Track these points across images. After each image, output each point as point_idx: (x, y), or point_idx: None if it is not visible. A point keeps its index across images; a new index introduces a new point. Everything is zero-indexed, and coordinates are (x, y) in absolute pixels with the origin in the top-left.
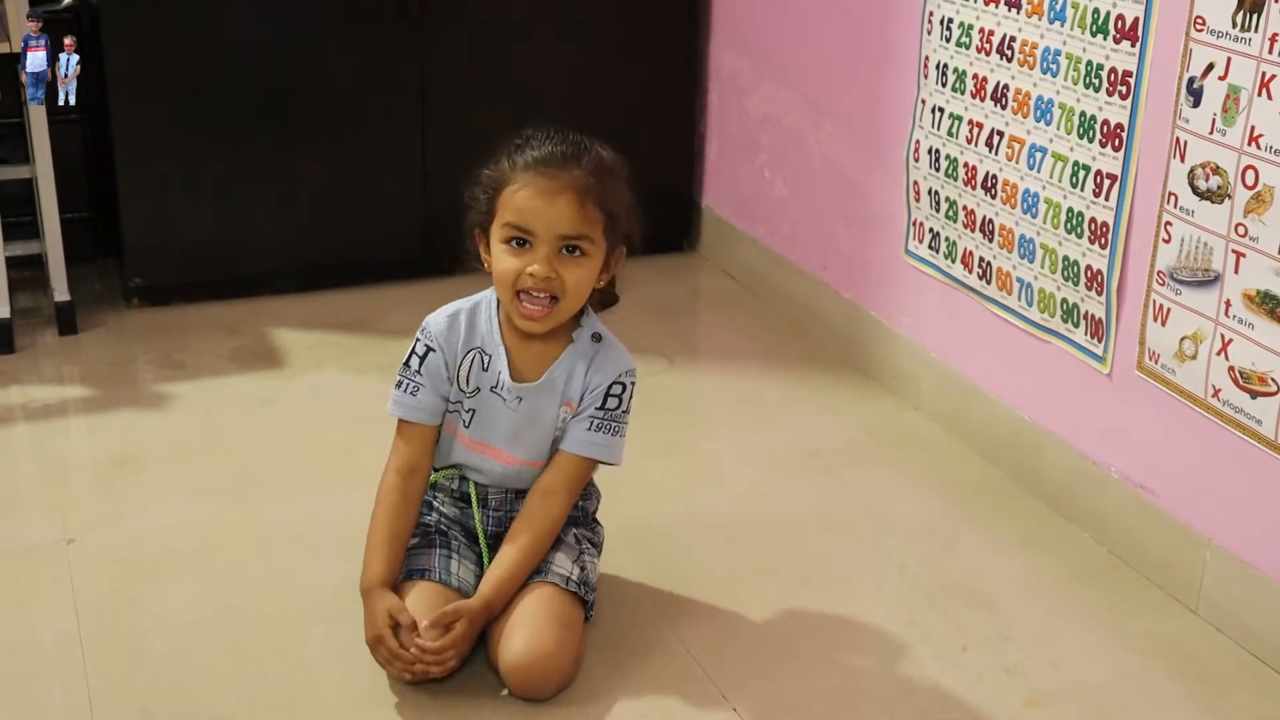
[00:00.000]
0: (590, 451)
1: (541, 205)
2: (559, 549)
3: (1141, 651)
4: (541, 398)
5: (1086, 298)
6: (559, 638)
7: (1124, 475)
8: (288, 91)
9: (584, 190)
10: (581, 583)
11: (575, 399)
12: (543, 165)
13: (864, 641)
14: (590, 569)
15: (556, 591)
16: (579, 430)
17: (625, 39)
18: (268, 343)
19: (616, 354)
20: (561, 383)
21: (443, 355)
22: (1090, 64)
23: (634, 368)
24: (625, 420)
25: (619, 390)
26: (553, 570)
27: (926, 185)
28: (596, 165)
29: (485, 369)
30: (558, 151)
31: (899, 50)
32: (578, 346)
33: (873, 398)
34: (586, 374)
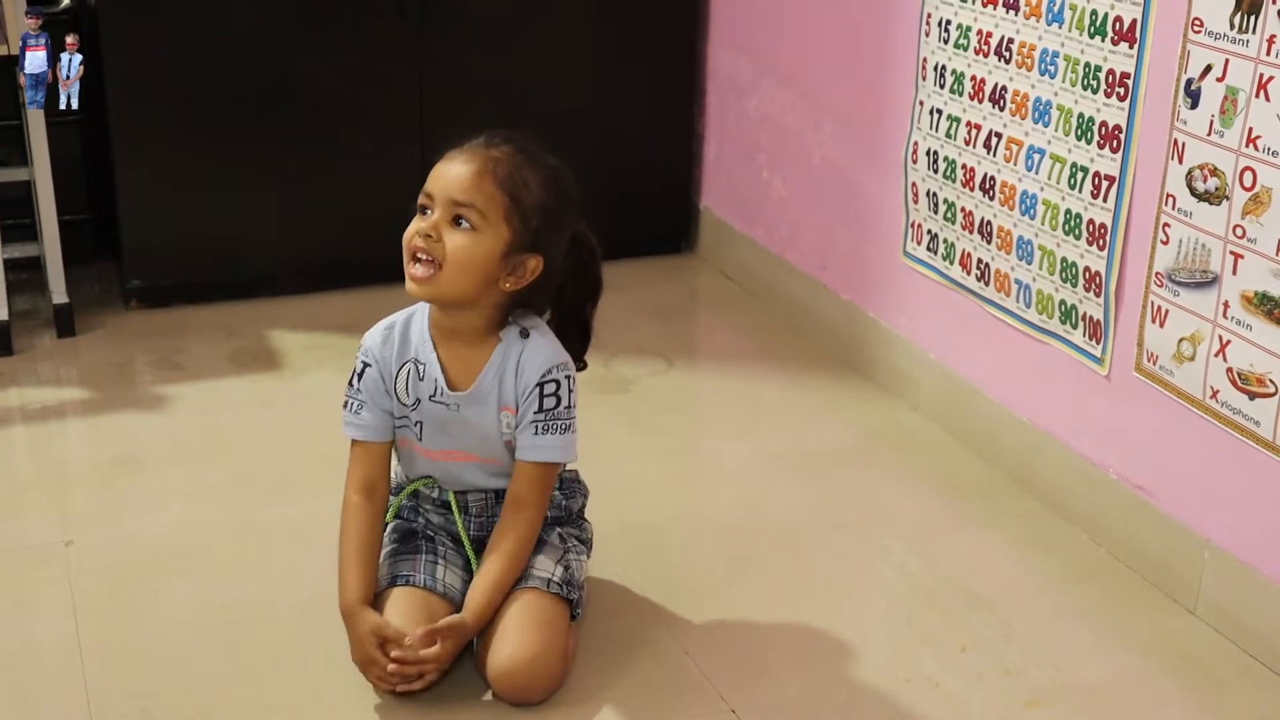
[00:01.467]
0: (543, 456)
1: (442, 169)
2: (540, 551)
3: (1140, 652)
4: (475, 405)
5: (1085, 299)
6: (543, 642)
7: (1122, 476)
8: (287, 92)
9: (486, 165)
10: (565, 583)
11: (513, 403)
12: (468, 144)
13: (863, 642)
14: (576, 567)
15: (538, 595)
16: (526, 437)
17: (624, 39)
18: (266, 344)
19: (540, 349)
20: (494, 387)
21: (379, 370)
22: (1088, 65)
23: (564, 360)
24: (570, 416)
25: (553, 388)
26: (533, 575)
27: (925, 187)
28: (518, 157)
29: (421, 378)
30: (484, 136)
31: (897, 51)
32: (504, 346)
33: (871, 398)
34: (516, 373)
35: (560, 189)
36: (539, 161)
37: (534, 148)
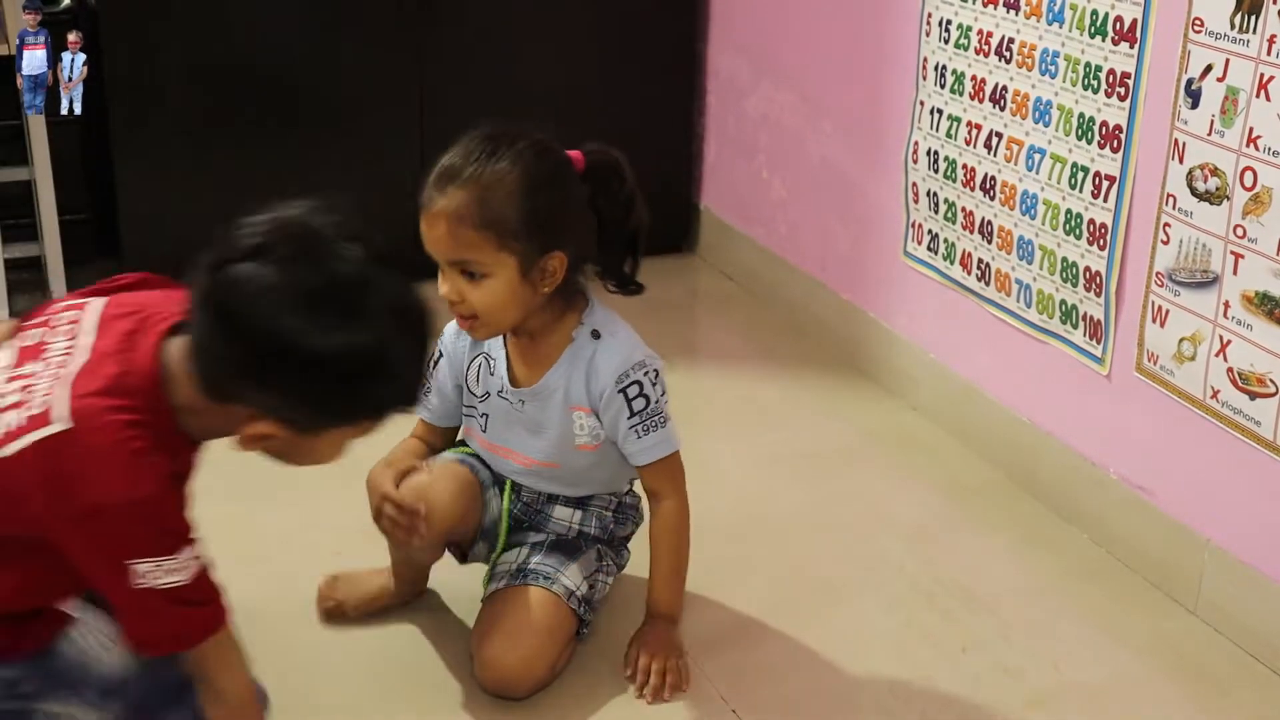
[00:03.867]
0: (654, 456)
1: (425, 231)
2: (576, 560)
3: (1141, 652)
4: (540, 401)
5: (1085, 299)
6: (539, 646)
7: (1123, 476)
8: (287, 92)
9: (455, 216)
10: (584, 600)
11: (586, 403)
12: (430, 184)
13: (863, 642)
14: (600, 589)
15: (554, 601)
16: (632, 444)
17: (624, 40)
18: None
19: (611, 352)
20: (562, 386)
21: (449, 361)
22: (1089, 65)
23: (640, 359)
24: (662, 408)
25: (636, 390)
26: (561, 580)
27: (925, 186)
28: (480, 182)
29: (492, 373)
30: (444, 168)
31: (897, 51)
32: (576, 346)
33: (871, 399)
34: (589, 378)
35: (538, 181)
36: (503, 168)
37: (495, 146)
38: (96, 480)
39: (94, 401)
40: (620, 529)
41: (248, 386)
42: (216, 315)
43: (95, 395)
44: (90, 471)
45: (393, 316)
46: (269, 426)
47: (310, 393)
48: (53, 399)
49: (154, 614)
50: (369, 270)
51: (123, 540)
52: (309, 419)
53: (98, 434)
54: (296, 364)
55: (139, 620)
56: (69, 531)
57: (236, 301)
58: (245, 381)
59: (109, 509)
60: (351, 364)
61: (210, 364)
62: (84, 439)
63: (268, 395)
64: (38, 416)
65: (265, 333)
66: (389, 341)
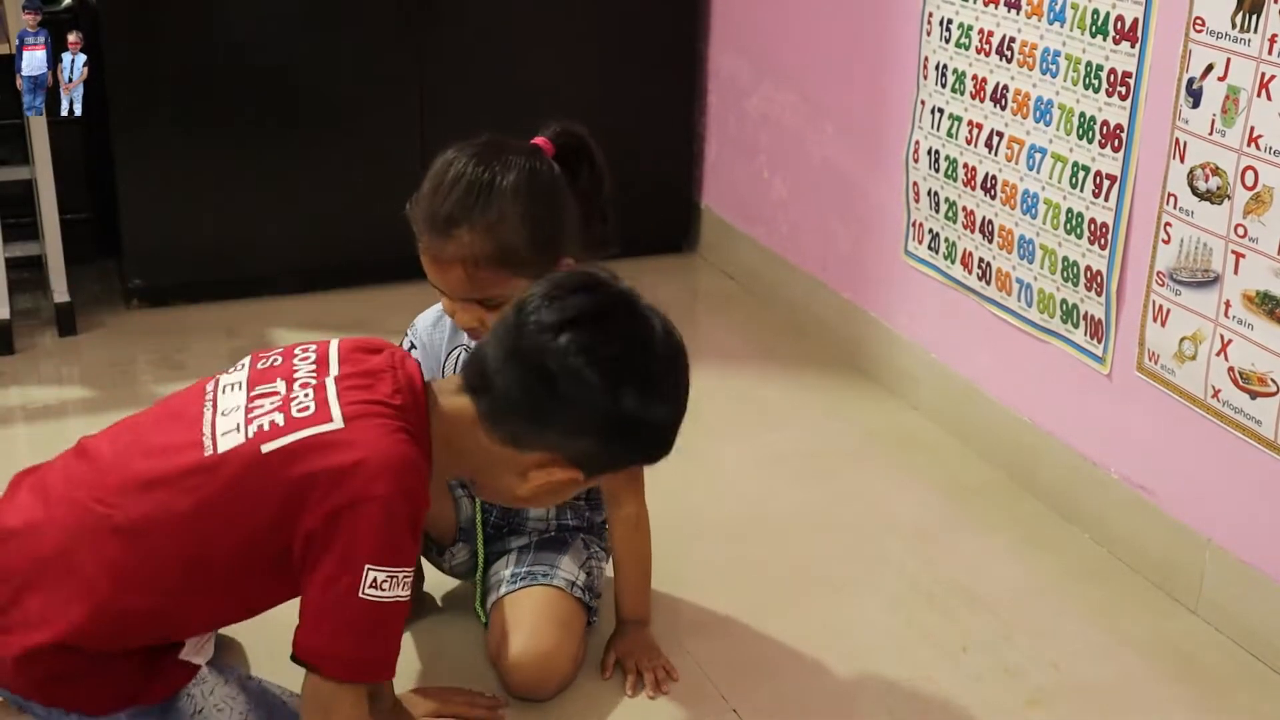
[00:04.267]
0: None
1: (436, 274)
2: (565, 553)
3: (1141, 652)
4: None
5: (1086, 298)
6: (559, 639)
7: (1124, 476)
8: (288, 92)
9: (470, 260)
10: (586, 588)
11: None
12: (428, 226)
13: (864, 642)
14: (596, 574)
15: (560, 595)
16: None
17: (625, 39)
18: (267, 343)
19: None
20: None
21: (424, 352)
22: (1090, 65)
23: None
24: None
25: None
26: (559, 574)
27: (926, 186)
28: (487, 222)
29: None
30: (442, 212)
31: (898, 51)
32: None
33: (872, 398)
34: None
35: (538, 204)
36: (505, 200)
37: (490, 176)
38: (370, 474)
39: (366, 408)
40: (597, 515)
41: (556, 436)
42: (540, 376)
43: (367, 404)
44: (365, 465)
45: (688, 388)
46: (567, 472)
47: (619, 451)
48: (317, 403)
49: (357, 630)
50: (678, 344)
51: (375, 538)
52: (600, 468)
53: (373, 432)
54: (620, 428)
55: (339, 631)
56: (322, 527)
57: (566, 367)
58: (554, 434)
59: (379, 500)
60: (667, 432)
61: (517, 415)
62: (359, 436)
63: (577, 445)
64: (303, 418)
65: (597, 402)
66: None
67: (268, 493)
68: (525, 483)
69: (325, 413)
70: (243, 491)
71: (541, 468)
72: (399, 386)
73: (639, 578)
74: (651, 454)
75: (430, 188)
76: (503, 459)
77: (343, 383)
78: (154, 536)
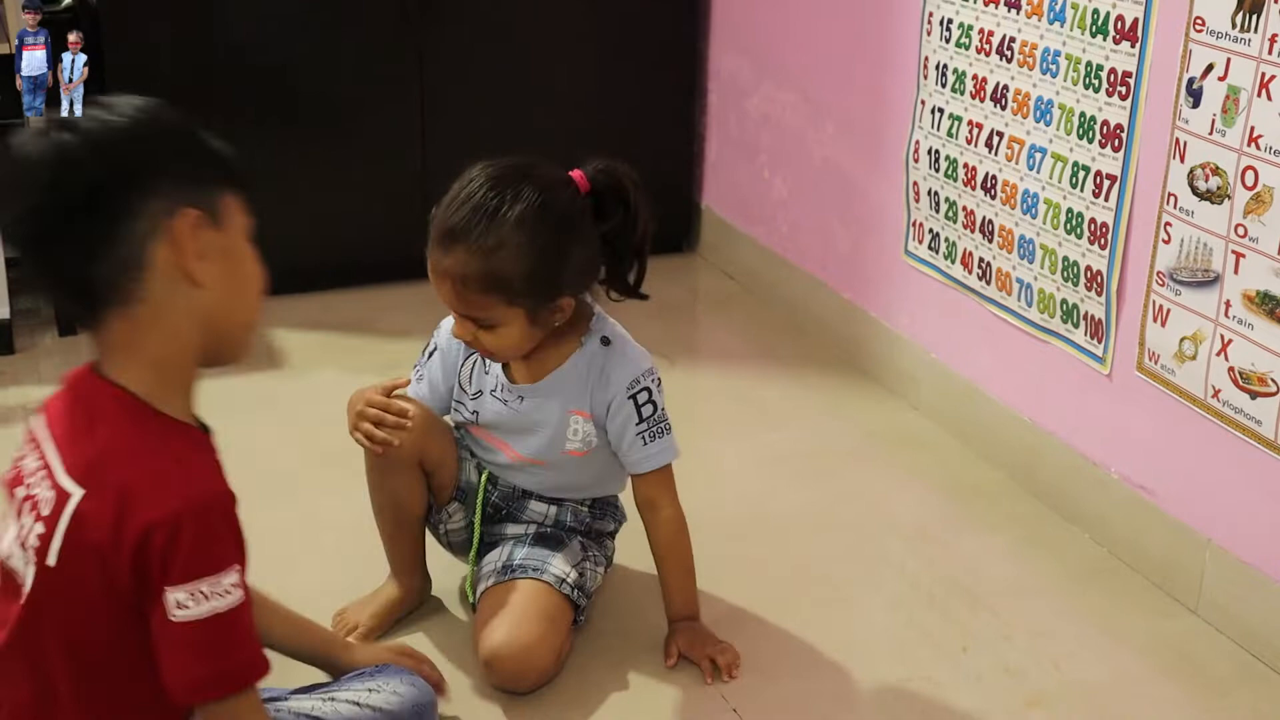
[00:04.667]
0: (658, 462)
1: (435, 284)
2: (560, 551)
3: (1142, 652)
4: (539, 399)
5: (1086, 298)
6: (540, 633)
7: (1124, 476)
8: (287, 91)
9: (460, 279)
10: (576, 587)
11: (589, 409)
12: (435, 240)
13: (864, 642)
14: (590, 576)
15: (547, 590)
16: (637, 451)
17: (625, 39)
18: (267, 343)
19: (624, 360)
20: (567, 387)
21: (443, 356)
22: (1090, 65)
23: (650, 367)
24: (665, 416)
25: (645, 396)
26: (548, 570)
27: (926, 186)
28: (484, 247)
29: (486, 371)
30: (448, 226)
31: (899, 51)
32: (585, 351)
33: (872, 398)
34: (596, 384)
35: (543, 240)
36: (508, 228)
37: (500, 199)
38: (124, 511)
39: (90, 455)
40: (599, 524)
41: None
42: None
43: (89, 452)
44: (123, 503)
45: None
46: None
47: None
48: (55, 490)
49: (198, 650)
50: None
51: (162, 565)
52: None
53: (114, 467)
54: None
55: (183, 661)
56: (126, 578)
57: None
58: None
59: (144, 530)
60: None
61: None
62: (99, 483)
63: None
64: (52, 511)
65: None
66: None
67: (88, 589)
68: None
69: (63, 493)
70: (72, 602)
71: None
72: (93, 403)
73: (684, 576)
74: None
75: (448, 199)
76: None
77: (62, 450)
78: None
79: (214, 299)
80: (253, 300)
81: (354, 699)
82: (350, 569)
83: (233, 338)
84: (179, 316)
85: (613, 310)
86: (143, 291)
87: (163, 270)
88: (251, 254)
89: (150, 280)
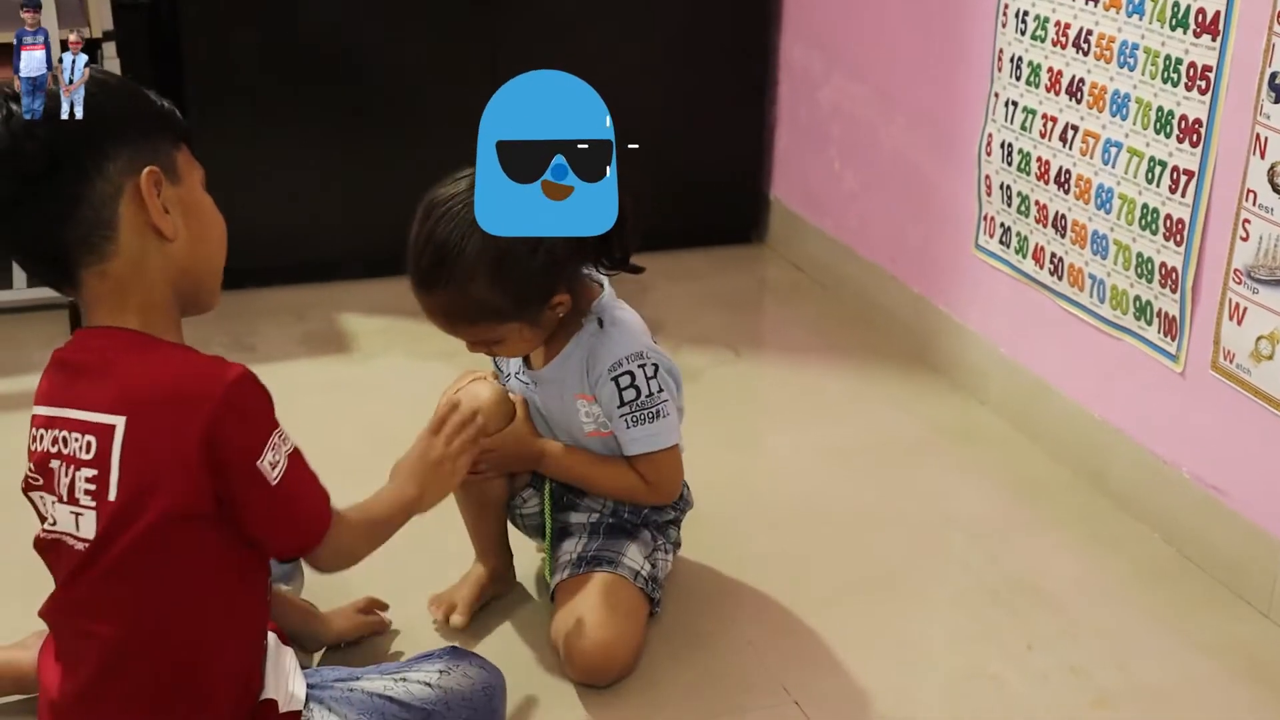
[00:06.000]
0: (640, 449)
1: (430, 321)
2: (634, 541)
3: (1211, 655)
4: (550, 386)
5: (1160, 295)
6: (620, 628)
7: (1195, 475)
8: (359, 78)
9: (448, 314)
10: (650, 579)
11: (588, 390)
12: (414, 286)
13: (926, 637)
14: (661, 567)
15: (624, 584)
16: (621, 433)
17: (697, 29)
18: (336, 327)
19: (609, 342)
20: (569, 372)
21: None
22: (1169, 58)
23: (637, 350)
24: (658, 402)
25: (628, 380)
26: (624, 563)
27: (998, 180)
28: (456, 284)
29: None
30: (420, 271)
31: (972, 43)
32: (583, 334)
33: (940, 393)
34: (589, 366)
35: (512, 256)
36: (470, 258)
37: (460, 236)
38: (167, 399)
39: (113, 372)
40: (656, 514)
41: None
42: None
43: (118, 368)
44: (161, 394)
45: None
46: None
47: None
48: (93, 434)
49: (297, 503)
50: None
51: (235, 436)
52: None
53: (134, 374)
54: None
55: (288, 519)
56: (205, 467)
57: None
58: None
59: (203, 410)
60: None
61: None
62: (130, 386)
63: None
64: (95, 451)
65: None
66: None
67: (153, 514)
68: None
69: (103, 428)
70: (140, 536)
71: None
72: (99, 347)
73: (596, 463)
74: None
75: (413, 236)
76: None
77: (81, 401)
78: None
79: (182, 249)
80: (217, 246)
81: (425, 679)
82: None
83: (204, 284)
84: (153, 268)
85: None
86: (115, 247)
87: (131, 226)
88: (210, 203)
89: (121, 237)
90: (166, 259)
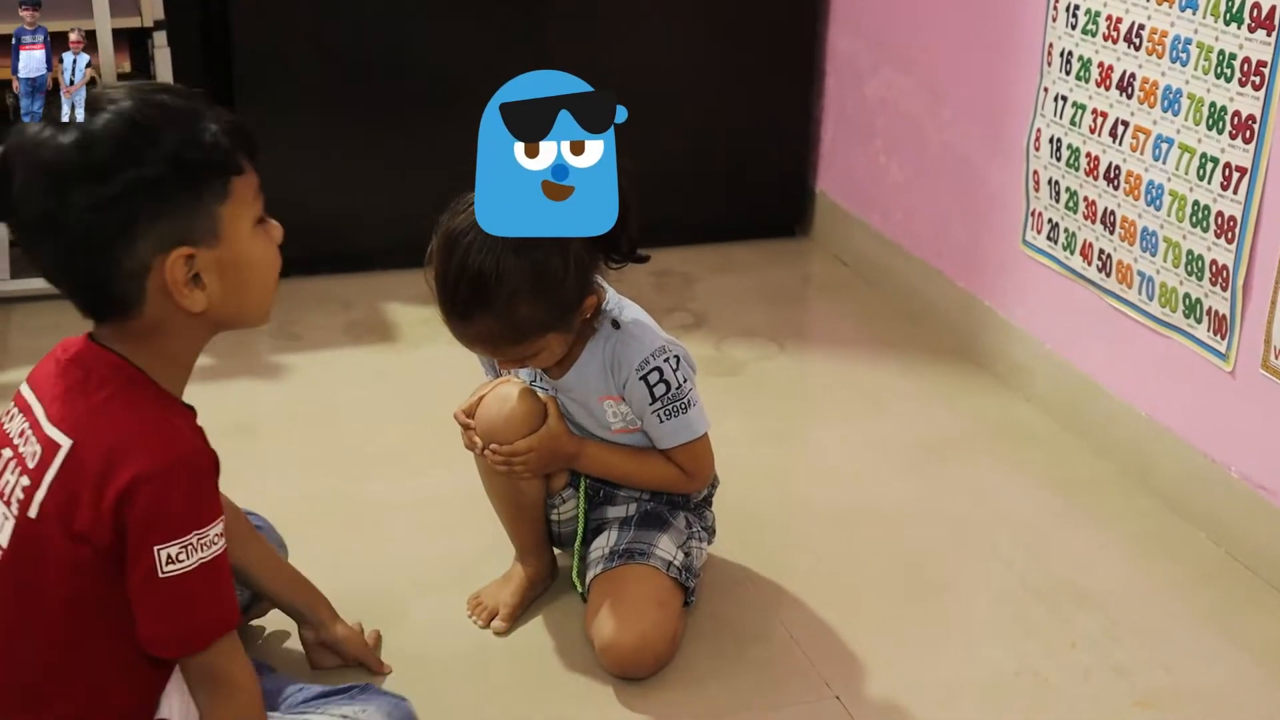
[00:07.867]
0: (674, 440)
1: (467, 347)
2: (665, 531)
3: (1257, 656)
4: (570, 393)
5: (1210, 293)
6: (655, 619)
7: (1244, 475)
8: (405, 69)
9: (493, 339)
10: (684, 568)
11: (615, 392)
12: (449, 317)
13: (969, 635)
14: (696, 555)
15: (657, 574)
16: (654, 429)
17: (743, 21)
18: (381, 317)
19: (631, 341)
20: (589, 377)
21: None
22: (1222, 54)
23: (660, 345)
24: (685, 393)
25: (656, 376)
26: (656, 554)
27: (1047, 175)
28: (499, 308)
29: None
30: (457, 303)
31: (1021, 37)
32: (599, 337)
33: (985, 389)
34: (614, 369)
35: (546, 270)
36: (511, 281)
37: (495, 261)
38: (120, 461)
39: (85, 408)
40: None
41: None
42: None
43: (84, 407)
44: (113, 455)
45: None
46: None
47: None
48: (41, 442)
49: (180, 605)
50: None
51: (150, 518)
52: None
53: (105, 424)
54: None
55: (166, 614)
56: (108, 532)
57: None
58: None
59: (141, 481)
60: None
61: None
62: (92, 436)
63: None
64: (39, 463)
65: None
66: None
67: (58, 543)
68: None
69: (51, 444)
70: (42, 558)
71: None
72: (91, 367)
73: (634, 459)
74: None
75: (441, 267)
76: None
77: (51, 408)
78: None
79: (216, 307)
80: (259, 294)
81: (344, 713)
82: (456, 543)
83: (246, 322)
84: (177, 326)
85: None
86: (138, 312)
87: (156, 299)
88: (258, 251)
89: (146, 309)
90: (194, 320)
